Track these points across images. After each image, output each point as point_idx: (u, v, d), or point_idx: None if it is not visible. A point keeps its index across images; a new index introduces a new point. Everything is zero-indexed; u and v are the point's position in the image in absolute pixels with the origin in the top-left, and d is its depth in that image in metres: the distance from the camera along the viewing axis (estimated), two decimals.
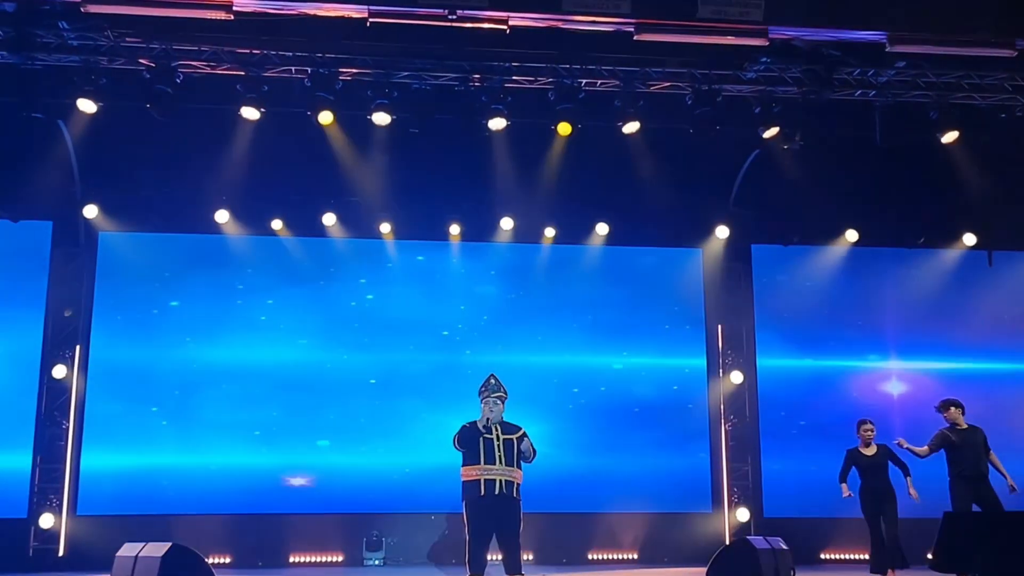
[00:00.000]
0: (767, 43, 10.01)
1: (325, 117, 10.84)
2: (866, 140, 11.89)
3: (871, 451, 10.39)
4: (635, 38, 9.74)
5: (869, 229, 13.82)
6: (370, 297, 13.48)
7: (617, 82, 11.16)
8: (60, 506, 12.38)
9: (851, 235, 13.80)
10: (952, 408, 10.25)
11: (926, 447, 10.25)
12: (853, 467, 10.39)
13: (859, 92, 11.37)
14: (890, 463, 10.35)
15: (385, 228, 13.31)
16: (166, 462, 12.64)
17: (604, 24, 9.72)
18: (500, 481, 7.94)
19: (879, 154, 12.17)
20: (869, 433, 10.42)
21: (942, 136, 11.41)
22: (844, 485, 10.36)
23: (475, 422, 8.18)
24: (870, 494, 10.29)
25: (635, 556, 13.14)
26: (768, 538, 8.44)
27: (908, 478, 10.27)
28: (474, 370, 12.15)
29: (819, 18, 10.00)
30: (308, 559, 12.66)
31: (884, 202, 13.45)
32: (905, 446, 10.27)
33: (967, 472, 9.99)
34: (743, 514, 13.26)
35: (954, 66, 10.99)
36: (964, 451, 10.05)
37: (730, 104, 11.40)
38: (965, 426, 10.20)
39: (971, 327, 13.99)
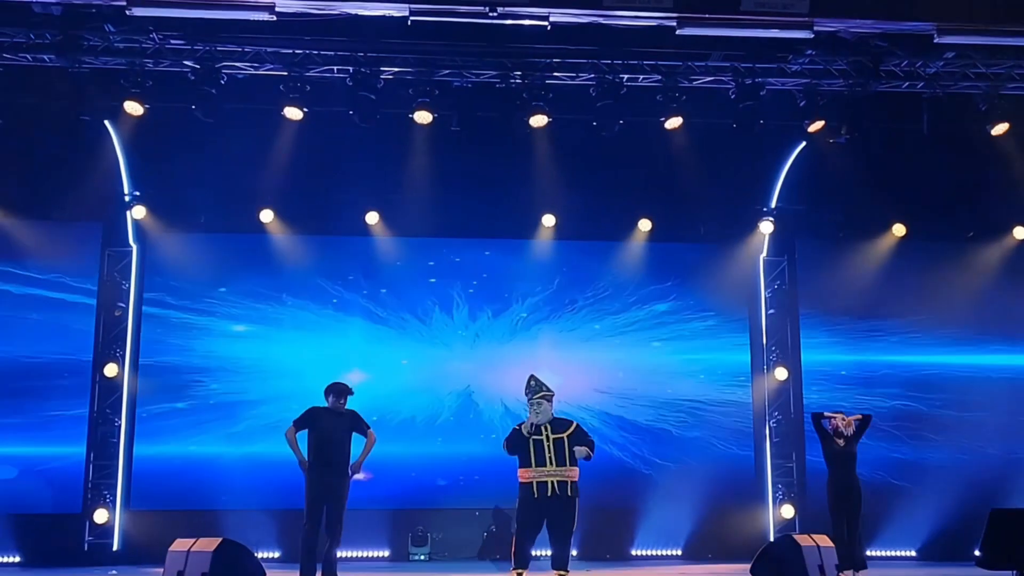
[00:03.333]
0: (812, 35, 9.90)
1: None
2: (914, 132, 11.75)
3: (842, 441, 10.24)
4: (677, 32, 9.69)
5: (917, 223, 13.60)
6: (415, 293, 13.51)
7: (659, 77, 11.13)
8: (114, 502, 12.59)
9: (898, 229, 13.59)
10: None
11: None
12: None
13: (907, 84, 11.26)
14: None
15: (427, 226, 13.34)
16: (216, 458, 12.79)
17: (645, 19, 9.67)
18: (552, 482, 7.96)
19: (927, 146, 12.02)
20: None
21: (992, 128, 11.26)
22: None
23: (523, 424, 8.20)
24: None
25: (679, 552, 13.09)
26: (813, 535, 8.36)
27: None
28: (518, 366, 12.19)
29: (866, 9, 9.86)
30: (354, 554, 12.73)
31: (932, 195, 13.21)
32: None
33: None
34: (788, 511, 13.16)
35: (1005, 56, 10.82)
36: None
37: (774, 98, 11.33)
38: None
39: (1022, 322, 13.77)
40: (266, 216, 13.04)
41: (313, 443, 9.24)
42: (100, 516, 12.44)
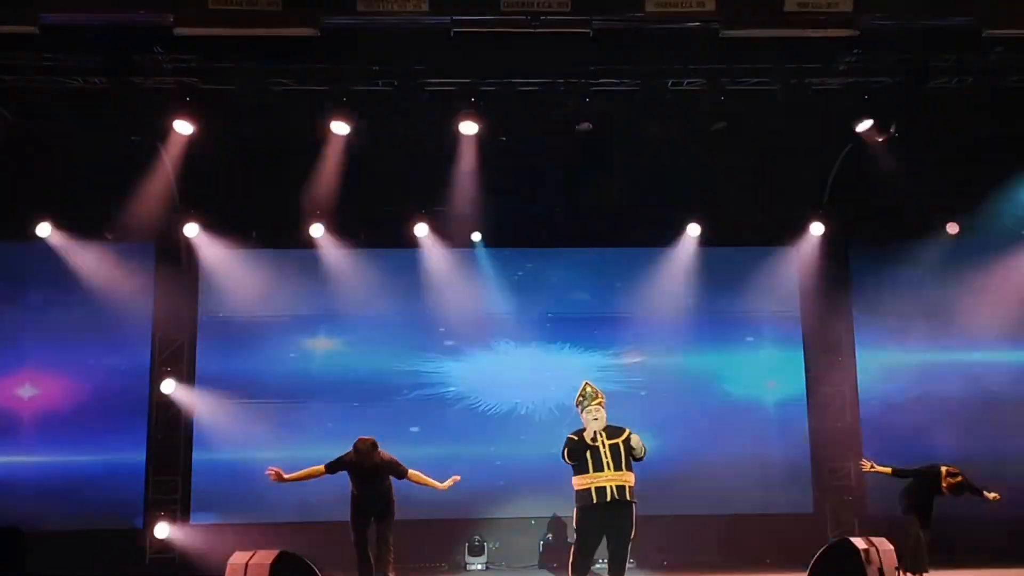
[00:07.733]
0: (857, 34, 9.78)
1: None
2: (965, 129, 11.56)
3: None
4: (721, 35, 9.62)
5: (970, 221, 13.36)
6: (466, 301, 13.52)
7: (704, 80, 11.06)
8: (174, 516, 12.79)
9: (952, 227, 13.36)
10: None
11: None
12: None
13: (956, 80, 11.05)
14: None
15: (476, 236, 13.40)
16: None
17: (688, 22, 9.63)
18: (611, 487, 7.88)
19: (979, 143, 11.83)
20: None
21: None
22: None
23: (580, 432, 8.13)
24: None
25: (736, 558, 12.96)
26: (871, 538, 8.24)
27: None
28: (568, 373, 12.23)
29: (910, 5, 9.73)
30: (411, 564, 12.74)
31: (986, 192, 12.99)
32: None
33: None
34: (845, 515, 12.98)
35: None
36: None
37: (821, 98, 11.21)
38: None
39: None
40: (316, 230, 13.15)
41: (353, 481, 9.32)
42: (161, 531, 12.63)
